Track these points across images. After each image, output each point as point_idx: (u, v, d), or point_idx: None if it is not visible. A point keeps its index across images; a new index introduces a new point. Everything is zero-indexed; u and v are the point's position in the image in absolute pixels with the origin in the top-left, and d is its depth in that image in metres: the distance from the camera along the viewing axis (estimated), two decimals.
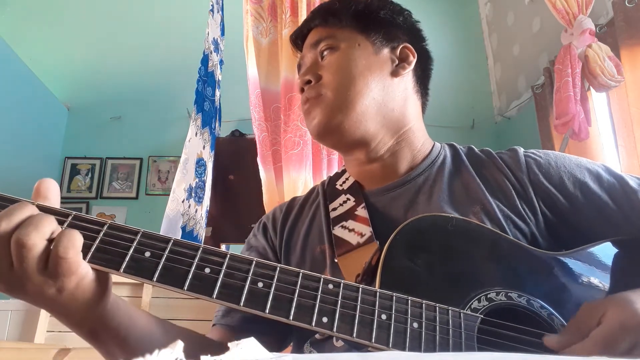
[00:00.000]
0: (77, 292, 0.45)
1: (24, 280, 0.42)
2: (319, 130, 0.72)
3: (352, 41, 0.75)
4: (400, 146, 0.75)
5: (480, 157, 0.75)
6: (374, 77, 0.73)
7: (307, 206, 0.81)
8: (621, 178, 0.67)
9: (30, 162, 3.03)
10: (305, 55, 0.79)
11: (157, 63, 3.46)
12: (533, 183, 0.68)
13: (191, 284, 0.45)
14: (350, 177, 0.79)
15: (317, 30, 0.79)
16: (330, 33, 0.76)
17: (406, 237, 0.57)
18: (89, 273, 0.45)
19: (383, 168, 0.75)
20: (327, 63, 0.74)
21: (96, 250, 0.45)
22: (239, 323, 0.70)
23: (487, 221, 0.64)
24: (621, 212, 0.64)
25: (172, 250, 0.46)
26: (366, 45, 0.75)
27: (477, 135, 3.41)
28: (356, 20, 0.76)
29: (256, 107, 2.10)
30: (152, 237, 0.47)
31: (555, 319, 0.53)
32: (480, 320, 0.51)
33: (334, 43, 0.75)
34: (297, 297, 0.46)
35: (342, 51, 0.74)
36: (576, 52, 2.06)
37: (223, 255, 0.47)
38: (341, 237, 0.68)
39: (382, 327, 0.47)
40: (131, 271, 0.45)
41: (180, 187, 2.19)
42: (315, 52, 0.77)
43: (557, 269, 0.58)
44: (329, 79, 0.72)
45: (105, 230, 0.46)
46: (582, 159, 0.71)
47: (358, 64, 0.73)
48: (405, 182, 0.73)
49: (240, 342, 0.29)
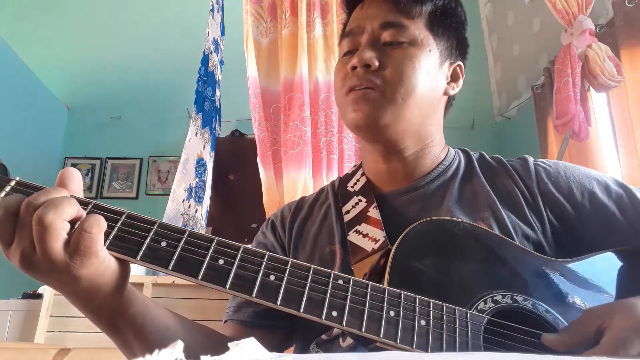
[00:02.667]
0: (97, 277, 0.46)
1: (45, 261, 0.44)
2: (363, 124, 0.68)
3: (424, 43, 0.71)
4: (424, 152, 0.75)
5: (492, 165, 0.76)
6: (431, 92, 0.71)
7: (317, 207, 0.81)
8: (629, 190, 0.68)
9: (30, 162, 3.03)
10: (367, 27, 0.71)
11: (157, 63, 3.46)
12: (542, 192, 0.69)
13: (205, 274, 0.46)
14: (362, 178, 0.79)
15: (386, 8, 0.72)
16: (402, 21, 0.70)
17: (414, 238, 0.58)
18: (109, 260, 0.46)
19: (403, 169, 0.75)
20: (394, 57, 0.69)
21: (114, 238, 0.46)
22: (250, 319, 0.71)
23: (496, 227, 0.65)
24: (628, 223, 0.65)
25: (187, 241, 0.47)
26: (435, 53, 0.72)
27: (477, 135, 3.41)
28: (433, 19, 0.72)
29: (256, 107, 2.10)
30: (169, 228, 0.48)
31: (560, 322, 0.54)
32: (487, 321, 0.52)
33: (405, 36, 0.70)
34: (307, 290, 0.47)
35: (413, 51, 0.70)
36: (576, 52, 2.06)
37: (237, 248, 0.48)
38: (356, 244, 0.68)
39: (390, 323, 0.47)
40: (148, 259, 0.46)
41: (180, 187, 2.19)
42: (380, 32, 0.70)
43: (563, 275, 0.59)
44: (392, 76, 0.68)
45: (123, 219, 0.48)
46: (591, 170, 0.72)
47: (424, 73, 0.69)
48: (420, 186, 0.73)
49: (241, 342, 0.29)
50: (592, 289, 0.59)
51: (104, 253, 0.45)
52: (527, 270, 0.59)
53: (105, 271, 0.46)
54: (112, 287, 0.48)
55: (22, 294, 2.29)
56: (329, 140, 2.01)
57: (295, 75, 2.07)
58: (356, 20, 0.74)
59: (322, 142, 2.03)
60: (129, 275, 0.50)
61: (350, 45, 0.73)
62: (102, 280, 0.47)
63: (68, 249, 0.44)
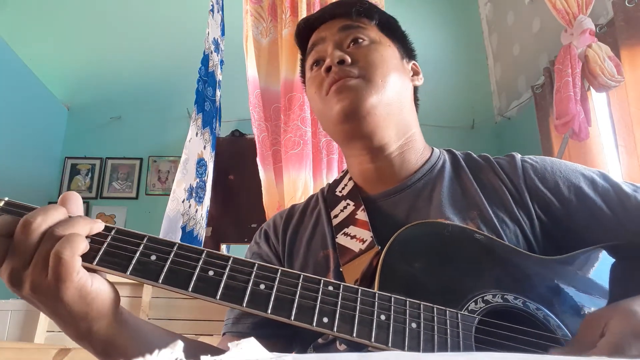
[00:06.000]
0: (81, 302, 0.46)
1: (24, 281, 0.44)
2: (350, 110, 0.70)
3: (383, 41, 0.77)
4: (408, 147, 0.76)
5: (479, 162, 0.77)
6: (401, 77, 0.76)
7: (308, 213, 0.81)
8: (616, 184, 0.68)
9: (30, 162, 3.03)
10: (328, 36, 0.77)
11: (157, 63, 3.46)
12: (529, 188, 0.70)
13: (195, 286, 0.46)
14: (349, 182, 0.80)
15: (343, 20, 0.78)
16: (359, 25, 0.77)
17: (403, 242, 0.59)
18: (87, 284, 0.46)
19: (389, 167, 0.75)
20: (362, 51, 0.74)
21: (104, 253, 0.47)
22: (249, 330, 0.71)
23: (484, 226, 0.65)
24: (615, 217, 0.65)
25: (177, 253, 0.48)
26: (394, 48, 0.78)
27: (477, 135, 3.41)
28: (383, 26, 0.79)
29: (256, 108, 2.10)
30: (158, 242, 0.48)
31: (551, 320, 0.54)
32: (478, 321, 0.52)
33: (365, 37, 0.76)
34: (298, 298, 0.47)
35: (377, 46, 0.75)
36: (576, 52, 2.06)
37: (226, 258, 0.49)
38: (344, 246, 0.69)
39: (381, 327, 0.48)
40: (138, 274, 0.46)
41: (180, 187, 2.19)
42: (342, 36, 0.76)
43: (552, 272, 0.59)
44: (366, 64, 0.72)
45: (112, 234, 0.48)
46: (578, 165, 0.73)
47: (392, 61, 0.75)
48: (406, 186, 0.74)
49: (241, 342, 0.29)
50: (582, 285, 0.59)
51: (80, 276, 0.45)
52: (517, 269, 0.59)
53: (88, 296, 0.46)
54: (102, 311, 0.48)
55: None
56: (329, 141, 2.01)
57: (295, 75, 2.07)
58: (316, 36, 0.80)
59: (322, 143, 2.03)
60: (118, 303, 0.50)
61: (316, 56, 0.78)
62: (89, 307, 0.46)
63: (44, 271, 0.44)
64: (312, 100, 0.79)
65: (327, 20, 0.80)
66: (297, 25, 0.85)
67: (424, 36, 3.30)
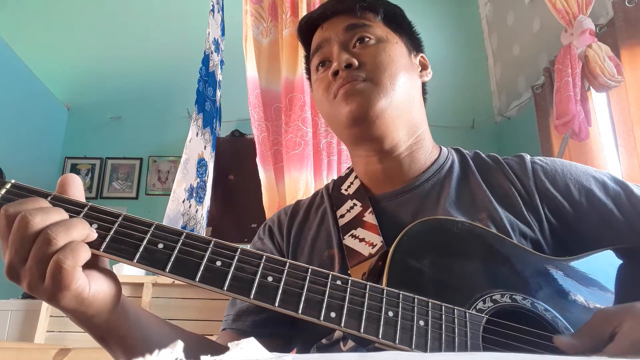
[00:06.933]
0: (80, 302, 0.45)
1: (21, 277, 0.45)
2: (359, 113, 0.68)
3: (389, 38, 0.75)
4: (417, 146, 0.75)
5: (487, 163, 0.75)
6: (410, 75, 0.74)
7: (313, 210, 0.80)
8: (627, 187, 0.67)
9: (30, 162, 3.03)
10: (332, 37, 0.75)
11: (157, 63, 3.46)
12: (539, 190, 0.69)
13: (203, 276, 0.45)
14: (355, 181, 0.78)
15: (346, 17, 0.76)
16: (364, 23, 0.75)
17: (412, 238, 0.58)
18: (84, 291, 0.45)
19: (397, 168, 0.74)
20: (368, 52, 0.72)
21: (111, 240, 0.46)
22: (249, 328, 0.70)
23: (493, 228, 0.65)
24: (626, 220, 0.65)
25: (184, 242, 0.47)
26: (401, 44, 0.76)
27: (477, 135, 3.41)
28: (388, 19, 0.77)
29: (256, 108, 2.10)
30: (166, 230, 0.48)
31: (559, 321, 0.54)
32: (486, 321, 0.51)
33: (370, 34, 0.74)
34: (306, 292, 0.47)
35: (384, 45, 0.73)
36: (576, 52, 2.06)
37: (234, 249, 0.48)
38: (352, 248, 0.68)
39: (389, 324, 0.47)
40: (144, 262, 0.45)
41: (180, 187, 2.19)
42: (348, 36, 0.74)
43: (561, 274, 0.58)
44: (374, 67, 0.70)
45: (119, 221, 0.47)
46: (589, 167, 0.72)
47: (400, 60, 0.73)
48: (414, 187, 0.73)
49: (241, 342, 0.29)
50: (591, 287, 0.58)
51: (78, 285, 0.44)
52: (526, 269, 0.58)
53: (85, 301, 0.45)
54: (100, 310, 0.47)
55: (22, 294, 2.28)
56: (329, 142, 2.01)
57: (296, 75, 2.07)
58: (320, 36, 0.78)
59: (322, 144, 2.02)
60: (119, 297, 0.50)
61: (322, 58, 0.76)
62: (87, 309, 0.46)
63: (44, 278, 0.43)
64: (319, 103, 0.77)
65: (330, 17, 0.77)
66: (299, 23, 0.83)
67: (424, 36, 3.26)
